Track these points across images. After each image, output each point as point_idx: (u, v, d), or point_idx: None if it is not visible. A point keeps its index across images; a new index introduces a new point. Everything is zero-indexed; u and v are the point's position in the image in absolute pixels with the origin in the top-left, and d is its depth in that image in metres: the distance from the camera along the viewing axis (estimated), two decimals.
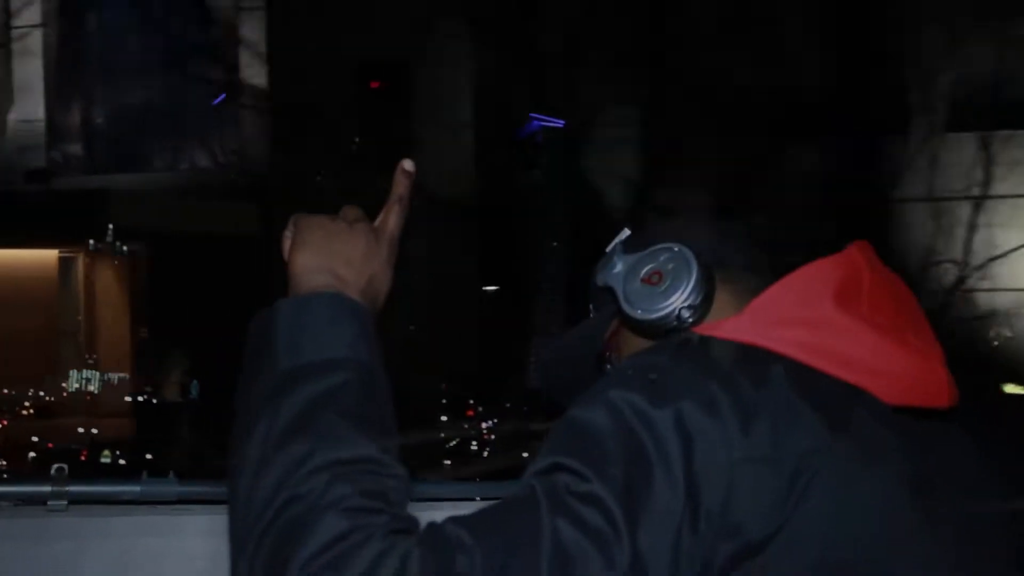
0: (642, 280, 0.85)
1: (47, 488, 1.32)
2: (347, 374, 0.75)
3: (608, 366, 0.95)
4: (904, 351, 0.74)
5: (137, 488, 1.38)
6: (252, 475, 0.69)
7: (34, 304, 14.37)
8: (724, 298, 0.85)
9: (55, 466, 1.35)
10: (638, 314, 0.85)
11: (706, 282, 0.83)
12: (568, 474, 0.67)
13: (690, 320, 0.83)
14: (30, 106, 15.94)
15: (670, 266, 0.84)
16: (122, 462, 11.47)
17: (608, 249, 0.91)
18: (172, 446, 12.57)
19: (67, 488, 1.32)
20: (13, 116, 15.85)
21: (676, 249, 0.85)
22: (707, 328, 0.79)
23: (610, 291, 0.89)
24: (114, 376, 15.25)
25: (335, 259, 0.84)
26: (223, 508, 1.42)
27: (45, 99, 15.89)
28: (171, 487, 1.41)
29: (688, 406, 0.68)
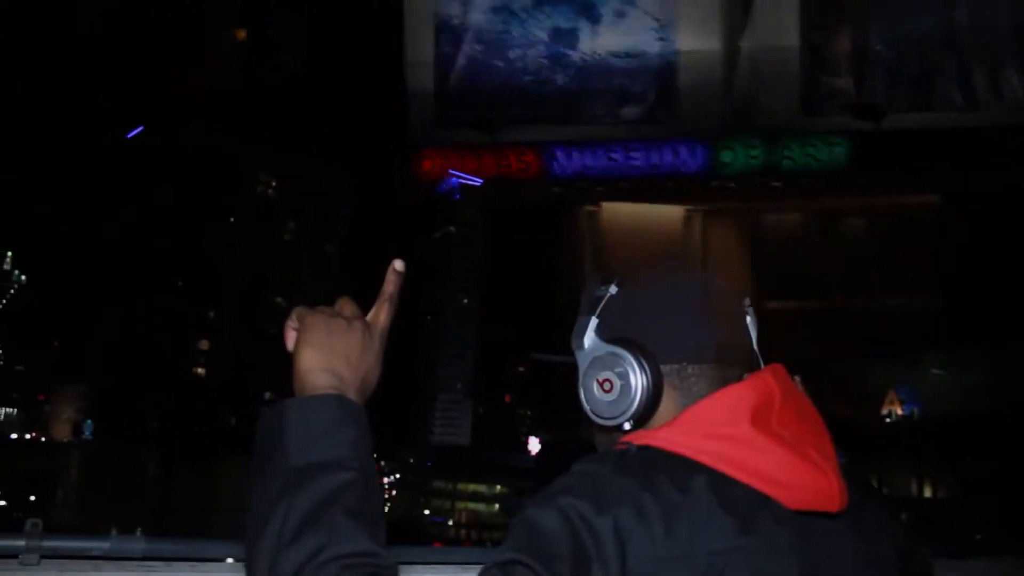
0: (596, 382, 1.00)
1: (21, 542, 1.38)
2: (350, 474, 0.87)
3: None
4: (805, 465, 0.91)
5: (106, 544, 1.45)
6: (268, 566, 0.81)
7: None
8: (668, 404, 1.00)
9: (29, 521, 1.41)
10: (591, 414, 1.02)
11: (652, 399, 0.98)
12: (524, 568, 0.81)
13: (629, 429, 0.98)
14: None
15: (620, 383, 0.98)
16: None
17: (581, 314, 1.04)
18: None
19: (40, 543, 1.38)
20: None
21: (632, 363, 0.98)
22: (644, 437, 0.95)
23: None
24: None
25: (336, 358, 0.96)
26: (187, 565, 1.51)
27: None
28: (138, 544, 1.48)
29: (624, 513, 0.84)
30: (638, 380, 0.97)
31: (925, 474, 34.37)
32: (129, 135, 73.35)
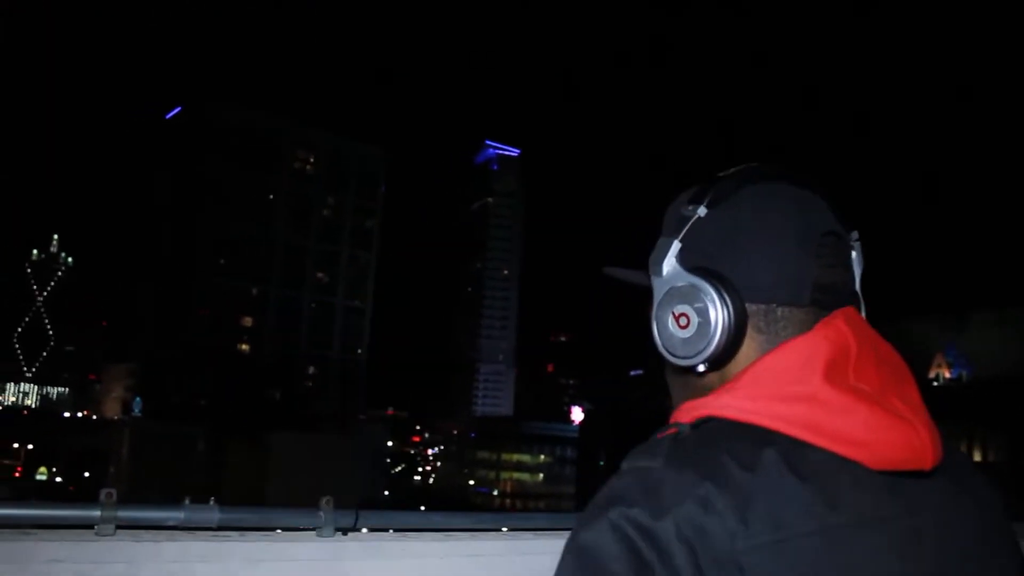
0: (672, 315, 0.88)
1: (96, 512, 1.35)
2: None
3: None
4: (890, 419, 0.79)
5: (181, 514, 1.42)
6: None
7: None
8: (750, 348, 0.87)
9: (103, 491, 1.38)
10: (662, 350, 0.90)
11: (732, 341, 0.86)
12: None
13: (704, 372, 0.89)
14: None
15: (698, 320, 0.86)
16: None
17: (663, 236, 0.92)
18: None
19: (116, 513, 1.36)
20: None
21: (714, 298, 0.85)
22: (698, 407, 0.83)
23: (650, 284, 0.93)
24: None
25: None
26: (261, 535, 1.47)
27: None
28: (213, 513, 1.45)
29: (686, 511, 0.73)
30: (718, 318, 0.85)
31: (976, 439, 33.89)
32: (168, 115, 74.14)
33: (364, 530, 1.70)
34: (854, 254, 0.92)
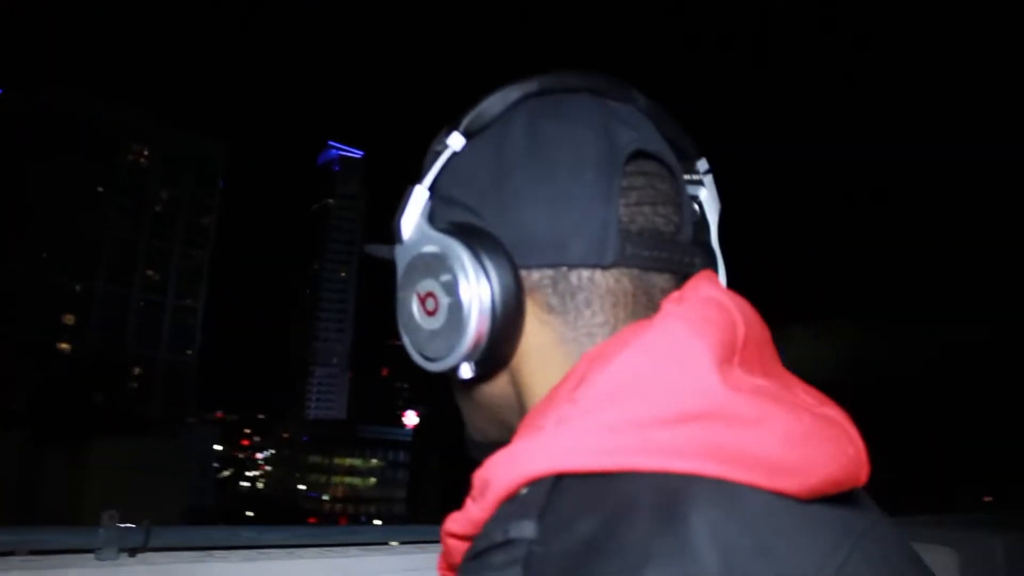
0: (417, 296, 0.61)
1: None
2: None
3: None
4: (816, 424, 0.50)
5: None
6: None
7: None
8: (543, 335, 0.59)
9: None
10: (410, 349, 0.63)
11: (502, 326, 0.57)
12: None
13: (469, 378, 0.61)
14: None
15: (447, 300, 0.58)
16: None
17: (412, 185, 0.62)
18: None
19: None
20: None
21: (463, 263, 0.57)
22: (529, 459, 0.49)
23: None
24: None
25: None
26: (30, 559, 1.36)
27: None
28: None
29: None
30: (473, 294, 0.57)
31: None
32: None
33: (154, 551, 1.44)
34: (703, 191, 0.66)
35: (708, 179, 0.66)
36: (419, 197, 0.61)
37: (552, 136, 0.59)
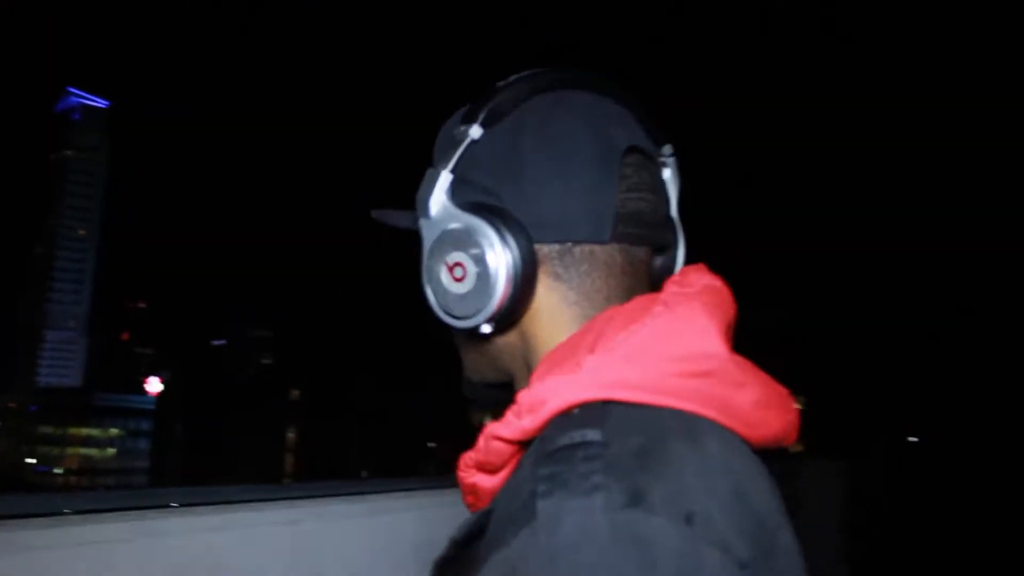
0: (446, 265, 0.73)
1: None
2: None
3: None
4: (774, 392, 0.68)
5: None
6: None
7: None
8: (550, 299, 0.73)
9: None
10: (438, 310, 0.75)
11: (519, 291, 0.71)
12: None
13: (491, 332, 0.74)
14: None
15: (476, 269, 0.71)
16: None
17: (431, 168, 0.74)
18: None
19: None
20: None
21: (491, 239, 0.70)
22: (571, 385, 0.63)
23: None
24: None
25: None
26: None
27: None
28: None
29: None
30: (500, 265, 0.69)
31: None
32: None
33: None
34: (667, 172, 0.79)
35: (671, 161, 0.80)
36: (444, 179, 0.73)
37: (560, 133, 0.72)
